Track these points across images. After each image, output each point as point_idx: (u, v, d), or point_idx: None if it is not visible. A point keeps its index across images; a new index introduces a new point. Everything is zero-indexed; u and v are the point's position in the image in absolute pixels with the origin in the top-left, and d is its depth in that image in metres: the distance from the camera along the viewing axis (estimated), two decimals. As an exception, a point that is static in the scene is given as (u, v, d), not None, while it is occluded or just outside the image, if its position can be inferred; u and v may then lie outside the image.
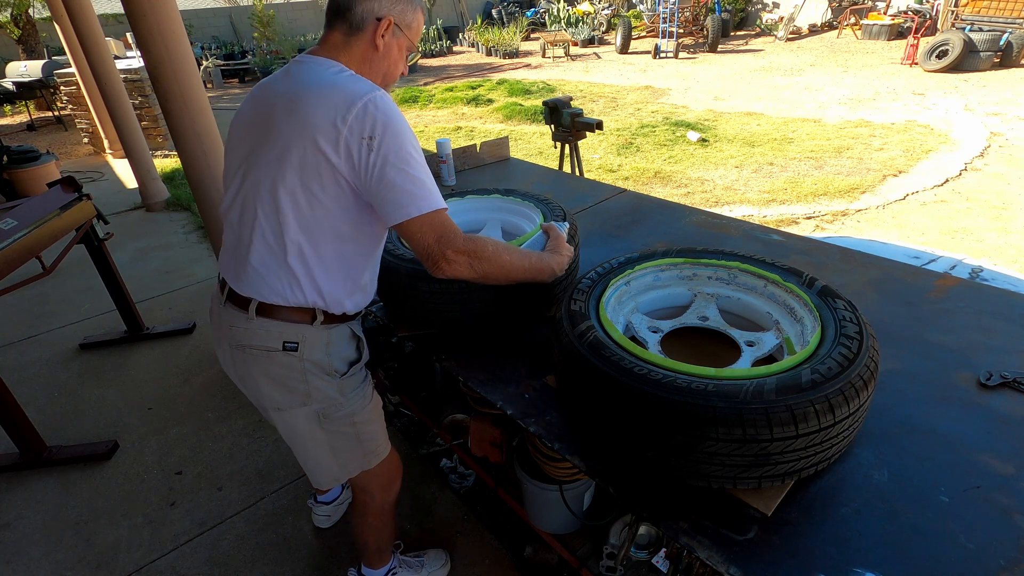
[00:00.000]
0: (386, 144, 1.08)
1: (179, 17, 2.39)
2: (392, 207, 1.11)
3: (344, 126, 1.07)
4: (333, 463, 1.43)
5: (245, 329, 1.25)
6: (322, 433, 1.36)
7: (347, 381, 1.34)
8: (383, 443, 1.50)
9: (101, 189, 6.14)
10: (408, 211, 1.11)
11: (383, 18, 1.18)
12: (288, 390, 1.29)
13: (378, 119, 1.08)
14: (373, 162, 1.08)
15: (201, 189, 2.64)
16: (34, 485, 2.37)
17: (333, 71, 1.16)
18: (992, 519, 0.90)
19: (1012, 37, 8.82)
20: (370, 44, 1.20)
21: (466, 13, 18.43)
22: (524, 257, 1.28)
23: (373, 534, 1.64)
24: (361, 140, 1.08)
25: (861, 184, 5.05)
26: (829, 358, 0.95)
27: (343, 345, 1.33)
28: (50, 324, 3.58)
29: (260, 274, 1.21)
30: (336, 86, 1.11)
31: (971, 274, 2.19)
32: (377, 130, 1.08)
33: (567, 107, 3.30)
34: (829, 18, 13.04)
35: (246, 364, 1.29)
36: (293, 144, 1.11)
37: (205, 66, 12.07)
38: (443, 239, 1.14)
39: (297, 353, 1.25)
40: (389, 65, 1.24)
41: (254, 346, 1.25)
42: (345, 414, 1.35)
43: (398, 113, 1.12)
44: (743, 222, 2.01)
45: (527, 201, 1.74)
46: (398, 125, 1.10)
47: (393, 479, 1.58)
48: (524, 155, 6.36)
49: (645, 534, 1.51)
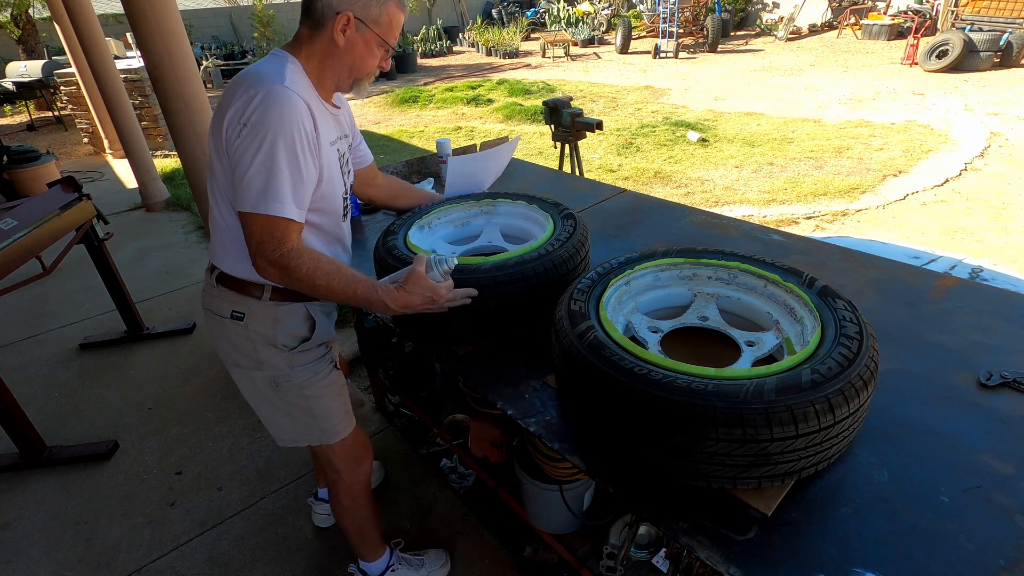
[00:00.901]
0: (253, 133, 1.09)
1: (179, 17, 2.40)
2: (238, 195, 1.14)
3: (231, 108, 1.12)
4: (289, 426, 1.48)
5: (208, 294, 1.37)
6: (276, 398, 1.42)
7: (297, 356, 1.38)
8: (342, 421, 1.53)
9: (101, 189, 6.14)
10: (243, 203, 1.13)
11: (341, 13, 1.17)
12: (242, 354, 1.37)
13: (259, 108, 1.09)
14: (236, 147, 1.12)
15: (201, 189, 2.64)
16: (34, 485, 2.37)
17: (270, 58, 1.21)
18: (992, 519, 0.90)
19: (1012, 37, 8.82)
20: (331, 40, 1.20)
21: (466, 13, 18.43)
22: (347, 286, 1.19)
23: (348, 517, 1.66)
24: (237, 124, 1.11)
25: (861, 184, 5.05)
26: (829, 358, 0.95)
27: (293, 323, 1.36)
28: (50, 324, 3.59)
29: (216, 248, 1.32)
30: (250, 72, 1.16)
31: (971, 274, 2.19)
32: (252, 118, 1.09)
33: (567, 107, 3.30)
34: (829, 18, 13.04)
35: (210, 325, 1.41)
36: (212, 126, 1.21)
37: (205, 66, 12.07)
38: (261, 245, 1.14)
39: (243, 323, 1.32)
40: (354, 60, 1.23)
41: (212, 311, 1.37)
42: (294, 385, 1.40)
43: (286, 110, 1.11)
44: (743, 222, 2.01)
45: (520, 201, 1.72)
46: (276, 121, 1.10)
47: (360, 459, 1.60)
48: (524, 155, 6.36)
49: (645, 534, 1.51)
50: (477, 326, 1.40)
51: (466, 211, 1.74)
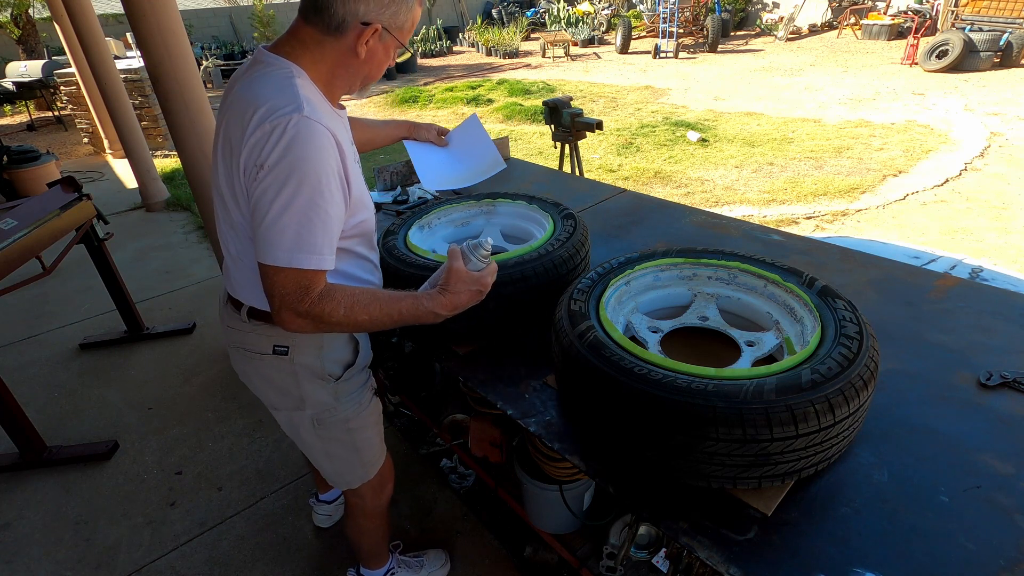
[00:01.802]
0: (276, 177, 0.95)
1: (179, 17, 2.39)
2: (261, 244, 0.99)
3: (245, 145, 0.97)
4: (330, 469, 1.42)
5: (239, 331, 1.24)
6: (317, 440, 1.34)
7: (343, 385, 1.30)
8: (380, 450, 1.49)
9: (101, 189, 6.14)
10: (267, 255, 0.98)
11: (371, 24, 1.01)
12: (282, 393, 1.28)
13: (278, 147, 0.95)
14: (255, 191, 0.98)
15: (201, 189, 2.64)
16: (34, 485, 2.37)
17: (277, 75, 1.02)
18: (992, 519, 0.90)
19: (1012, 37, 8.82)
20: (350, 50, 1.04)
21: (466, 13, 18.42)
22: (390, 310, 1.08)
23: (366, 537, 1.64)
24: (254, 166, 0.97)
25: (861, 184, 5.05)
26: (829, 358, 0.95)
27: (338, 347, 1.28)
28: (50, 324, 3.59)
29: (241, 283, 1.19)
30: (259, 99, 0.98)
31: (971, 274, 2.19)
32: (271, 158, 0.95)
33: (567, 107, 3.30)
34: (829, 18, 13.04)
35: (243, 364, 1.29)
36: (220, 159, 1.05)
37: (205, 66, 12.07)
38: (286, 298, 1.00)
39: (287, 356, 1.22)
40: (372, 69, 1.10)
41: (247, 348, 1.24)
42: (339, 419, 1.32)
43: (310, 148, 0.96)
44: (743, 222, 2.01)
45: (519, 201, 1.72)
46: (301, 161, 0.95)
47: (385, 483, 1.56)
48: (524, 155, 6.36)
49: (645, 534, 1.51)
50: (477, 326, 1.39)
51: (466, 211, 1.74)
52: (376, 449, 1.47)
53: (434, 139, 1.68)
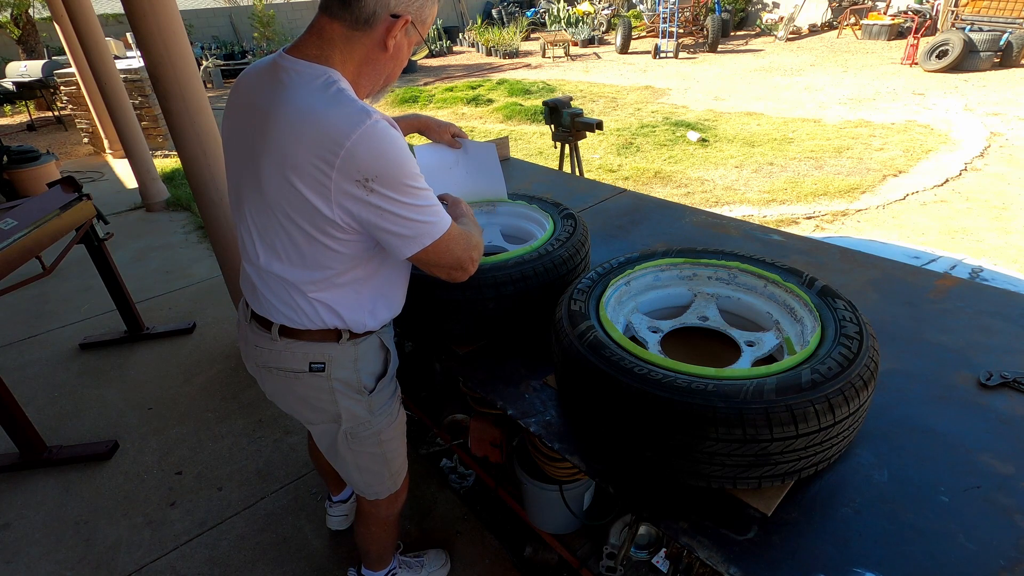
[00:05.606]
0: (383, 181, 0.96)
1: (179, 17, 2.39)
2: (401, 243, 1.03)
3: (332, 169, 0.95)
4: (359, 480, 1.42)
5: (270, 350, 1.21)
6: (349, 452, 1.34)
7: (376, 398, 1.30)
8: (404, 461, 1.49)
9: (101, 189, 6.14)
10: (422, 242, 1.04)
11: (400, 16, 1.00)
12: (317, 410, 1.27)
13: (371, 155, 0.95)
14: (371, 202, 0.98)
15: (201, 189, 2.64)
16: (34, 485, 2.37)
17: (318, 85, 0.98)
18: (992, 519, 0.90)
19: (1012, 37, 8.82)
20: (378, 44, 1.02)
21: (466, 13, 18.42)
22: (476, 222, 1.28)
23: (375, 543, 1.64)
24: (355, 182, 0.96)
25: (861, 184, 5.05)
26: (829, 358, 0.95)
27: (371, 359, 1.28)
28: (50, 324, 3.58)
29: (273, 304, 1.16)
30: (319, 114, 0.95)
31: (971, 274, 2.19)
32: (371, 169, 0.95)
33: (567, 107, 3.30)
34: (829, 18, 13.04)
35: (274, 384, 1.27)
36: (271, 180, 1.00)
37: (205, 66, 12.07)
38: (463, 254, 1.11)
39: (324, 373, 1.20)
40: (395, 66, 1.09)
41: (281, 367, 1.22)
42: (372, 432, 1.32)
43: (391, 138, 0.97)
44: (743, 222, 2.01)
45: (520, 201, 1.72)
46: (393, 156, 0.97)
47: (401, 492, 1.56)
48: (524, 155, 6.36)
49: (645, 534, 1.51)
50: (477, 326, 1.39)
51: (466, 211, 1.74)
52: (402, 459, 1.48)
53: (448, 141, 1.67)
